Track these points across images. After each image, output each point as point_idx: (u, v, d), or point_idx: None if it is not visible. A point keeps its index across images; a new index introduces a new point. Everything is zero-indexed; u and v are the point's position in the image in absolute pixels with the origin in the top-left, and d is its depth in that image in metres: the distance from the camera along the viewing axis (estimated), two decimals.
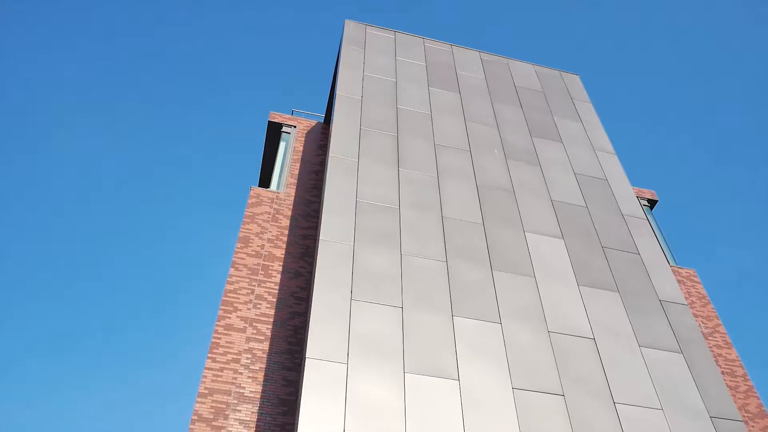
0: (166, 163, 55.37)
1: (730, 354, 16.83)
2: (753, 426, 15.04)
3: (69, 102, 52.12)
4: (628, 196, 17.27)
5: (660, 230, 20.28)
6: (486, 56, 21.73)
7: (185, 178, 55.18)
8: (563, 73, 22.32)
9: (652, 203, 21.26)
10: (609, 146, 19.08)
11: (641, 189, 21.53)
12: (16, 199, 47.97)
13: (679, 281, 18.48)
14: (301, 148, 18.78)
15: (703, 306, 18.03)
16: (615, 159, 18.62)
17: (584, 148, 18.67)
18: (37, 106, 50.51)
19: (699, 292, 18.39)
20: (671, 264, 19.23)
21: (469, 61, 21.09)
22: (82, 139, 52.07)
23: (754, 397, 15.87)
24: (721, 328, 17.55)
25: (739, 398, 15.66)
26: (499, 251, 14.19)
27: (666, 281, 14.93)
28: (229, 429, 11.77)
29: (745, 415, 15.27)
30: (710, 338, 17.08)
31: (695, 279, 18.78)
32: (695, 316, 17.59)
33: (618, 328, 13.29)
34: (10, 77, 48.69)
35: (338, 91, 17.42)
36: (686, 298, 18.02)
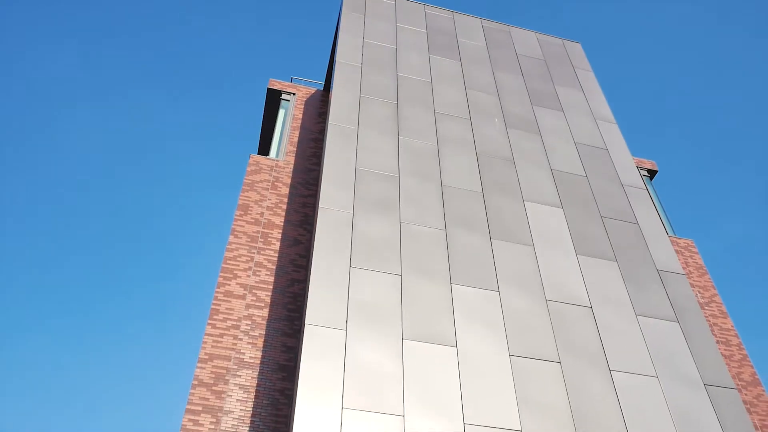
0: (165, 132, 55.08)
1: (725, 323, 16.98)
2: (746, 394, 15.24)
3: (66, 80, 51.64)
4: (628, 166, 17.24)
5: (659, 201, 20.29)
6: (487, 23, 21.47)
7: (184, 146, 54.95)
8: (565, 42, 22.08)
9: (651, 173, 21.23)
10: (610, 115, 18.98)
11: (641, 159, 21.49)
12: (15, 173, 47.82)
13: (677, 251, 18.55)
14: (300, 116, 18.67)
15: (700, 276, 18.13)
16: (615, 128, 18.53)
17: (585, 117, 18.57)
18: (35, 94, 50.07)
19: (696, 263, 18.48)
20: (670, 234, 19.28)
21: (471, 29, 20.85)
22: (80, 110, 51.70)
23: (748, 365, 16.05)
24: (718, 298, 17.67)
25: (733, 367, 15.84)
26: (498, 220, 14.20)
27: (664, 251, 14.99)
28: (229, 393, 11.92)
29: (739, 383, 15.46)
30: (706, 308, 17.21)
31: (693, 249, 18.85)
32: (692, 286, 17.70)
33: (615, 297, 13.38)
34: None
35: (338, 58, 17.25)
36: (684, 268, 18.11)
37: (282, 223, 15.36)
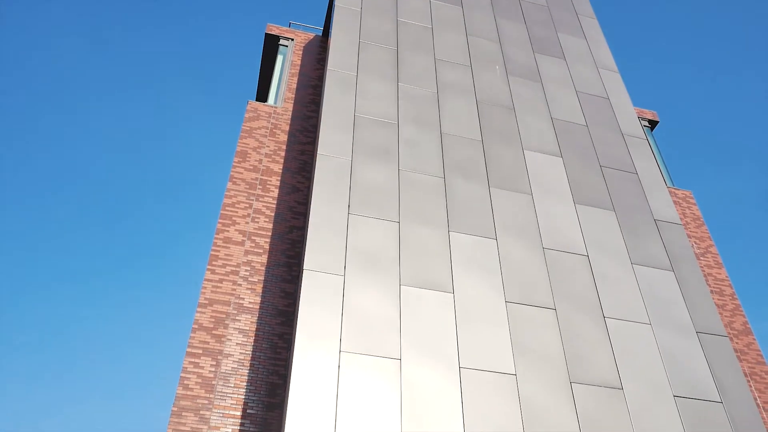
0: (163, 77, 54.34)
1: (720, 274, 17.14)
2: (737, 342, 15.51)
3: (61, 21, 50.60)
4: (629, 116, 17.10)
5: (659, 151, 20.21)
6: None
7: (182, 92, 54.30)
8: None
9: (652, 124, 21.09)
10: (612, 64, 18.72)
11: (643, 109, 21.30)
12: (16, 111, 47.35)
13: (675, 202, 18.59)
14: (298, 62, 18.41)
15: (697, 227, 18.21)
16: (618, 77, 18.31)
17: (587, 65, 18.32)
18: (25, 22, 49.07)
19: (694, 213, 18.53)
20: (668, 185, 19.28)
21: None
22: (77, 56, 50.83)
23: (740, 315, 16.28)
24: (713, 249, 17.79)
25: (725, 316, 16.07)
26: (497, 168, 14.17)
27: (662, 201, 15.01)
28: (229, 337, 12.11)
29: (731, 332, 15.71)
30: (702, 258, 17.35)
31: (691, 200, 18.88)
32: (689, 236, 17.79)
33: (611, 246, 13.47)
34: None
35: (337, 2, 16.90)
36: (681, 219, 18.17)
37: (280, 171, 15.33)
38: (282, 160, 15.55)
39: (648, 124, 21.05)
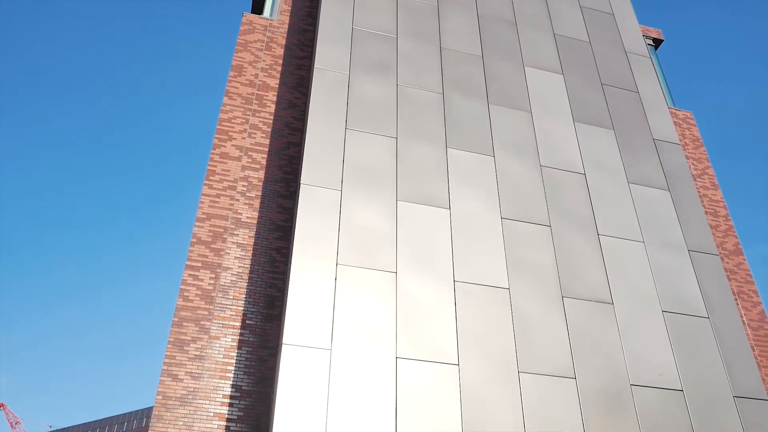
0: None
1: (715, 195, 17.23)
2: (728, 262, 15.77)
3: None
4: (633, 33, 16.71)
5: (662, 70, 19.88)
6: None
7: (175, 4, 52.73)
8: None
9: (657, 43, 20.63)
10: None
11: (648, 27, 20.79)
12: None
13: (675, 123, 18.44)
14: None
15: (696, 148, 18.16)
16: None
17: None
18: None
19: (693, 134, 18.43)
20: (669, 105, 19.07)
21: None
22: None
23: (733, 236, 16.47)
24: (710, 170, 17.80)
25: (718, 236, 16.26)
26: (497, 85, 13.97)
27: (662, 121, 14.89)
28: (227, 251, 12.26)
29: (722, 251, 15.94)
30: (698, 179, 17.38)
31: (691, 121, 18.73)
32: (687, 157, 17.76)
33: (609, 164, 13.46)
34: None
35: None
36: (680, 139, 18.09)
37: (277, 86, 15.08)
38: (278, 75, 15.28)
39: (652, 43, 20.61)
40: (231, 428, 10.42)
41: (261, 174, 13.46)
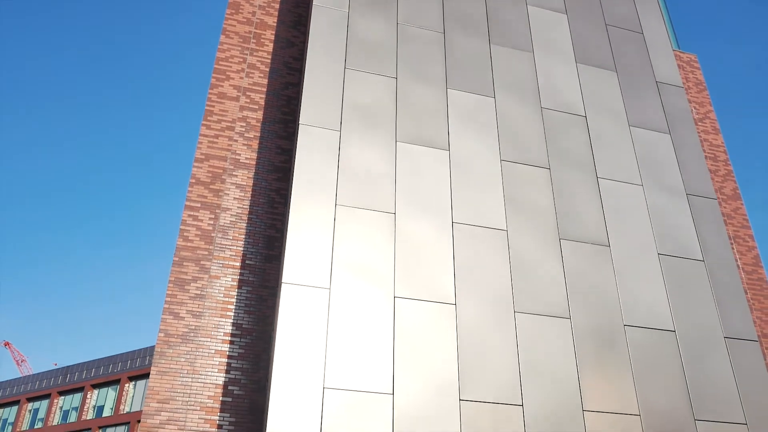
0: None
1: (716, 140, 17.15)
2: (725, 207, 15.82)
3: None
4: None
5: (668, 11, 19.46)
6: None
7: None
8: None
9: None
10: None
11: None
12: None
13: (679, 66, 18.19)
14: None
15: (699, 92, 17.97)
16: None
17: None
18: None
19: (697, 78, 18.21)
20: (674, 47, 18.76)
21: None
22: None
23: (731, 180, 16.48)
24: (712, 115, 17.67)
25: (717, 181, 16.27)
26: (499, 24, 13.70)
27: (665, 63, 14.68)
28: (226, 192, 12.27)
29: (720, 196, 15.98)
30: (700, 123, 17.27)
31: (695, 65, 18.47)
32: (689, 101, 17.60)
33: (610, 107, 13.35)
34: None
35: None
36: (684, 83, 17.88)
37: (275, 24, 14.79)
38: (276, 13, 14.97)
39: None
40: (232, 365, 10.66)
41: (259, 114, 13.34)
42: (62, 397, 60.96)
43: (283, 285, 9.64)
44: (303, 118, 10.99)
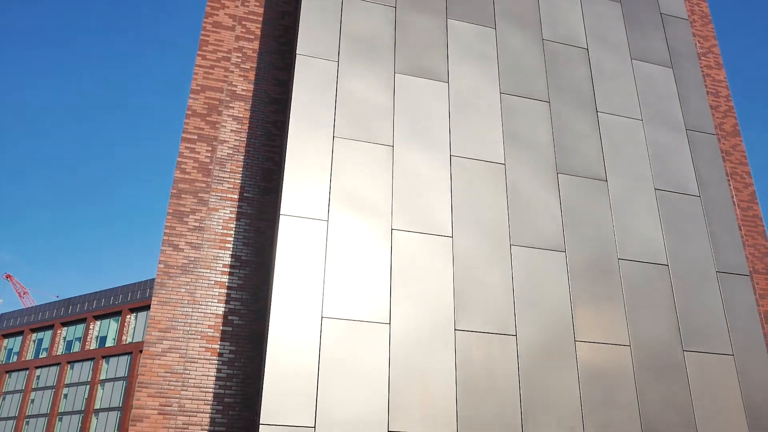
0: None
1: (718, 75, 16.92)
2: (724, 143, 15.77)
3: None
4: None
5: None
6: None
7: None
8: None
9: None
10: None
11: None
12: None
13: None
14: None
15: (704, 25, 17.61)
16: None
17: None
18: None
19: (702, 11, 17.81)
20: None
21: None
22: None
23: (732, 117, 16.37)
24: (716, 49, 17.38)
25: (717, 117, 16.16)
26: None
27: None
28: (223, 124, 12.17)
29: (720, 132, 15.90)
30: (703, 58, 17.01)
31: None
32: (693, 35, 17.27)
33: (613, 40, 13.11)
34: None
35: None
36: (689, 16, 17.50)
37: None
38: None
39: None
40: (232, 295, 10.84)
41: (255, 45, 13.09)
42: (65, 328, 62.11)
43: (281, 217, 9.69)
44: (300, 48, 10.79)
